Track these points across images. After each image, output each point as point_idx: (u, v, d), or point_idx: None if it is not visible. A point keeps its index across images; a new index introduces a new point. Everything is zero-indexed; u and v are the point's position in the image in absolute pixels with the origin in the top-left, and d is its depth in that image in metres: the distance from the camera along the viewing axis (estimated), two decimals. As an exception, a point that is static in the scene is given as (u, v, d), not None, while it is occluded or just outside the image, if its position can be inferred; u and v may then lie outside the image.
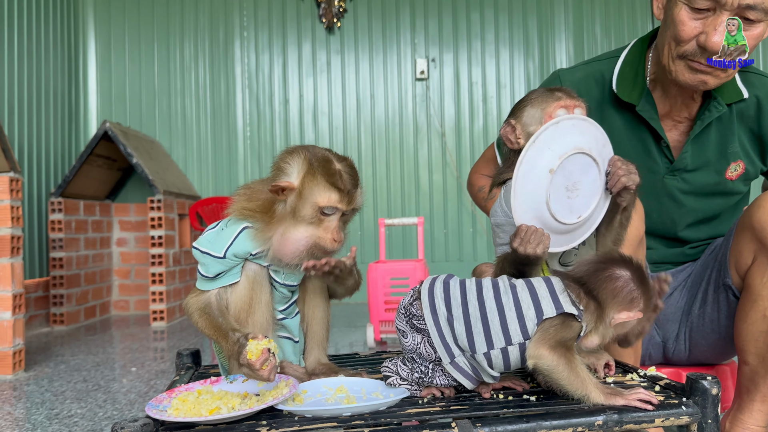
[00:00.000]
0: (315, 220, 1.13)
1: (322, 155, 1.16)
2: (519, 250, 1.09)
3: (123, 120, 4.75)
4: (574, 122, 1.12)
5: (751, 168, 1.55)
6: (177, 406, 0.99)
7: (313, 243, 1.14)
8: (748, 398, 1.40)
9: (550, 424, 0.94)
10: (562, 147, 1.10)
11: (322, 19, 4.81)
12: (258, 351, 1.02)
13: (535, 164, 1.09)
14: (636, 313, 1.02)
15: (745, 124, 1.51)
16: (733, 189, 1.56)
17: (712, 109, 1.47)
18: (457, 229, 4.82)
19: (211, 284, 1.17)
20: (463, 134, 4.86)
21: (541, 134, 1.10)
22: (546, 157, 1.09)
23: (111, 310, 4.51)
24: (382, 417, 0.98)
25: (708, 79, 1.38)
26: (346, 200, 1.15)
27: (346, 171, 1.16)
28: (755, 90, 1.49)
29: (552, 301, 1.02)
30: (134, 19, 4.81)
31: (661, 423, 0.98)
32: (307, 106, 4.86)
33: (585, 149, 1.11)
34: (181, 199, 4.27)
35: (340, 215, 1.16)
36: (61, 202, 3.91)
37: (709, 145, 1.51)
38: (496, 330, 1.02)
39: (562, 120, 1.11)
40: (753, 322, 1.35)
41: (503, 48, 4.88)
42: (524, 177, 1.10)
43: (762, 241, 1.30)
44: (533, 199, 1.11)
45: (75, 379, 2.56)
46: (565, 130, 1.11)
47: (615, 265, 1.05)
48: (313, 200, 1.12)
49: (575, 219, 1.13)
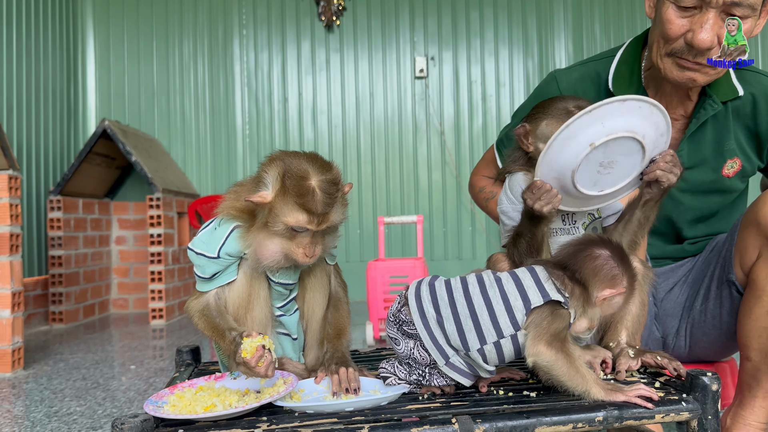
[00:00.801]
0: (288, 235, 1.11)
1: (298, 170, 1.10)
2: (528, 203, 1.12)
3: (122, 118, 4.74)
4: (641, 105, 1.07)
5: (748, 165, 1.55)
6: (174, 403, 0.99)
7: (285, 255, 1.12)
8: (750, 394, 1.39)
9: (550, 420, 0.94)
10: (615, 126, 1.07)
11: (321, 18, 4.80)
12: (252, 348, 1.02)
13: (578, 132, 1.07)
14: (619, 288, 1.03)
15: (741, 122, 1.51)
16: (730, 186, 1.56)
17: (708, 107, 1.47)
18: (456, 227, 4.82)
19: (209, 285, 1.17)
20: (463, 133, 4.86)
21: (602, 107, 1.05)
22: (594, 129, 1.07)
23: (110, 309, 4.51)
24: (383, 413, 0.98)
25: (696, 76, 1.38)
26: (315, 222, 1.09)
27: (323, 188, 1.09)
28: (751, 87, 1.49)
29: (538, 289, 1.03)
30: (133, 18, 4.81)
31: (662, 419, 0.98)
32: (306, 104, 4.86)
33: (638, 135, 1.08)
34: (180, 197, 4.27)
35: (314, 232, 1.12)
36: (60, 201, 3.90)
37: (705, 143, 1.51)
38: (487, 325, 1.02)
39: (629, 99, 1.06)
40: (757, 317, 1.35)
41: (502, 46, 4.88)
42: (562, 141, 1.08)
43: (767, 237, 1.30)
44: (562, 164, 1.10)
45: (74, 377, 2.56)
46: (628, 110, 1.07)
47: (593, 245, 1.06)
48: (283, 219, 1.09)
49: (596, 192, 1.13)
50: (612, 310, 1.06)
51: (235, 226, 1.16)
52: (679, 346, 1.61)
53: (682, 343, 1.60)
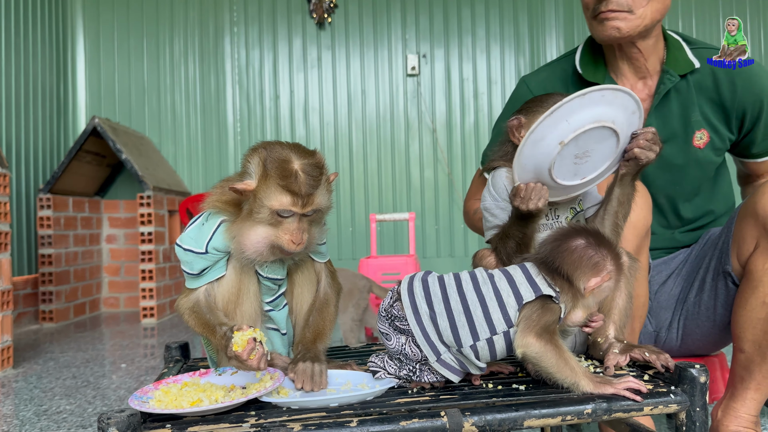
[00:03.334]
0: (273, 221, 1.10)
1: (279, 155, 1.10)
2: (521, 207, 1.12)
3: (112, 116, 4.72)
4: (603, 93, 1.08)
5: (717, 137, 1.59)
6: (159, 398, 0.99)
7: (271, 243, 1.11)
8: (742, 386, 1.40)
9: (539, 413, 0.94)
10: (581, 121, 1.07)
11: (312, 15, 4.79)
12: (243, 342, 1.01)
13: (546, 134, 1.08)
14: (604, 275, 1.03)
15: (704, 95, 1.57)
16: (704, 158, 1.59)
17: (666, 81, 1.54)
18: (448, 224, 4.82)
19: (198, 281, 1.16)
20: (454, 130, 4.86)
21: (562, 106, 1.06)
22: (560, 129, 1.07)
23: (101, 308, 4.48)
24: (371, 406, 0.97)
25: (617, 24, 1.47)
26: (300, 203, 1.09)
27: (306, 171, 1.09)
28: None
29: (530, 285, 1.03)
30: (123, 14, 4.78)
31: (650, 411, 0.99)
32: (298, 102, 4.85)
33: (607, 122, 1.08)
34: (171, 195, 4.25)
35: (300, 217, 1.11)
36: (50, 199, 3.88)
37: (671, 116, 1.56)
38: (480, 321, 1.02)
39: (590, 92, 1.07)
40: (752, 308, 1.35)
41: (494, 44, 4.88)
42: (533, 144, 1.09)
43: (765, 228, 1.31)
44: (537, 165, 1.11)
45: (64, 375, 2.55)
46: (591, 101, 1.07)
47: (569, 237, 1.05)
48: (268, 203, 1.09)
49: (578, 181, 1.14)
50: (605, 294, 1.06)
51: (222, 221, 1.15)
52: (671, 339, 1.61)
53: (674, 336, 1.61)
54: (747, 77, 1.54)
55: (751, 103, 1.55)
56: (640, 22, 1.46)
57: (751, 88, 1.54)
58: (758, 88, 1.55)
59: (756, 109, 1.56)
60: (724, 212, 1.69)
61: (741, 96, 1.55)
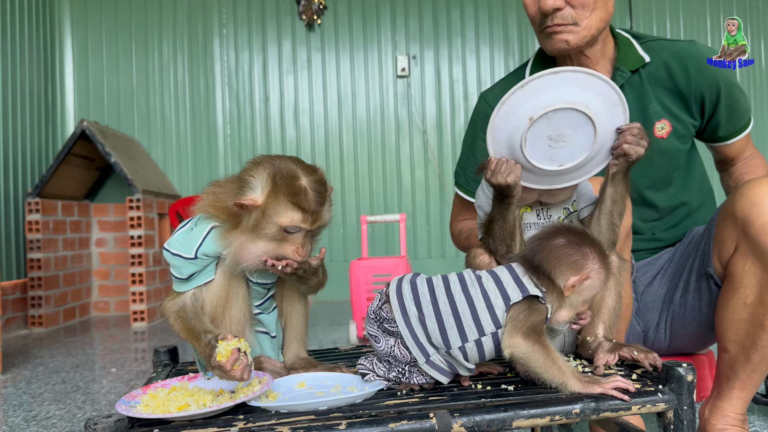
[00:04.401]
0: (279, 237, 1.10)
1: (288, 171, 1.10)
2: (492, 180, 1.12)
3: (101, 119, 4.69)
4: (576, 75, 1.07)
5: (680, 125, 1.61)
6: (147, 403, 0.98)
7: (275, 257, 1.11)
8: (727, 386, 1.41)
9: (528, 413, 0.95)
10: (551, 99, 1.07)
11: (302, 16, 4.79)
12: (227, 352, 1.00)
13: (517, 108, 1.08)
14: (584, 274, 1.02)
15: (660, 85, 1.59)
16: (668, 148, 1.60)
17: (617, 77, 1.57)
18: (440, 225, 4.83)
19: (186, 285, 1.16)
20: (445, 131, 4.87)
21: (534, 80, 1.06)
22: (531, 103, 1.07)
23: (91, 312, 4.46)
24: (360, 409, 0.97)
25: (566, 36, 1.50)
26: (310, 220, 1.10)
27: (313, 188, 1.10)
28: (659, 54, 1.59)
29: (516, 285, 1.03)
30: (111, 17, 4.76)
31: (638, 410, 0.99)
32: (288, 104, 4.84)
33: (579, 106, 1.08)
34: (161, 198, 4.23)
35: (305, 232, 1.12)
36: (39, 203, 3.85)
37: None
38: (468, 323, 1.02)
39: (562, 71, 1.07)
40: (734, 309, 1.36)
41: (483, 45, 4.90)
42: (504, 117, 1.09)
43: (744, 230, 1.32)
44: (509, 139, 1.11)
45: (53, 380, 2.53)
46: (563, 81, 1.07)
47: (549, 237, 1.05)
48: (276, 220, 1.08)
49: (555, 167, 1.13)
50: (590, 293, 1.05)
51: (212, 227, 1.14)
52: (659, 339, 1.62)
53: (662, 336, 1.62)
54: (698, 61, 1.56)
55: (708, 86, 1.58)
56: (586, 32, 1.50)
57: (704, 71, 1.57)
58: (711, 72, 1.57)
59: (714, 91, 1.59)
60: (700, 203, 1.70)
61: (696, 81, 1.57)
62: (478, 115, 1.69)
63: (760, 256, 1.30)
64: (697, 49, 1.58)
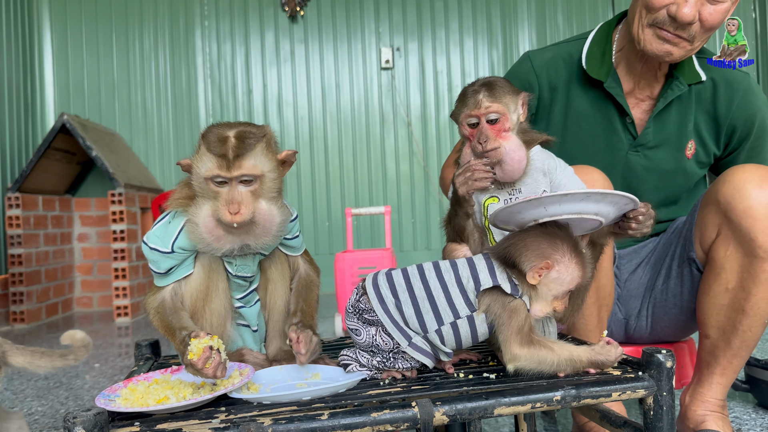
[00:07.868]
0: (210, 193, 1.07)
1: (217, 127, 1.09)
2: (455, 181, 1.22)
3: (81, 112, 4.63)
4: (588, 195, 1.05)
5: (703, 151, 1.60)
6: (126, 396, 0.97)
7: (216, 218, 1.06)
8: (708, 372, 1.43)
9: (509, 401, 0.95)
10: (559, 210, 1.05)
11: (284, 8, 4.75)
12: (199, 350, 0.99)
13: (524, 211, 1.07)
14: (545, 261, 1.03)
15: (702, 107, 1.57)
16: (691, 169, 1.61)
17: (674, 88, 1.53)
18: (425, 217, 4.83)
19: (165, 280, 1.15)
20: (429, 123, 4.86)
21: (543, 197, 1.03)
22: (537, 211, 1.06)
23: (74, 307, 4.41)
24: (343, 399, 0.97)
25: (673, 49, 1.44)
26: (225, 166, 1.05)
27: (237, 136, 1.06)
28: (711, 73, 1.56)
29: (489, 274, 1.05)
30: (91, 8, 4.69)
31: (618, 397, 1.00)
32: (272, 96, 4.81)
33: (588, 215, 1.06)
34: (143, 192, 4.19)
35: (234, 184, 1.07)
36: (19, 198, 3.80)
37: (669, 123, 1.57)
38: (443, 306, 1.04)
39: (572, 193, 1.03)
40: (715, 295, 1.38)
41: (467, 37, 4.89)
42: (509, 213, 1.07)
43: (726, 215, 1.33)
44: (510, 222, 1.12)
45: (36, 376, 2.50)
46: (574, 199, 1.04)
47: (526, 230, 1.08)
48: (199, 173, 1.07)
49: None
50: (559, 287, 1.05)
51: (188, 219, 1.13)
52: (640, 327, 1.64)
53: (644, 324, 1.63)
54: (744, 94, 1.55)
55: (743, 120, 1.56)
56: (690, 50, 1.46)
57: (746, 106, 1.55)
58: (753, 108, 1.56)
59: (747, 127, 1.57)
60: None
61: (735, 112, 1.56)
62: (517, 73, 1.63)
63: (741, 241, 1.31)
64: (748, 82, 1.56)
